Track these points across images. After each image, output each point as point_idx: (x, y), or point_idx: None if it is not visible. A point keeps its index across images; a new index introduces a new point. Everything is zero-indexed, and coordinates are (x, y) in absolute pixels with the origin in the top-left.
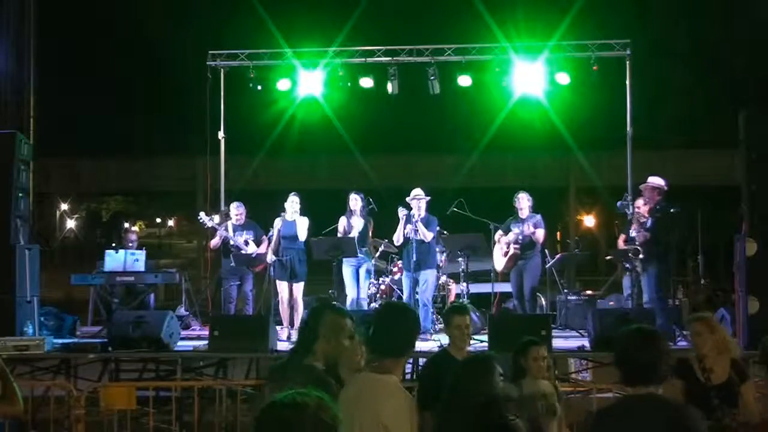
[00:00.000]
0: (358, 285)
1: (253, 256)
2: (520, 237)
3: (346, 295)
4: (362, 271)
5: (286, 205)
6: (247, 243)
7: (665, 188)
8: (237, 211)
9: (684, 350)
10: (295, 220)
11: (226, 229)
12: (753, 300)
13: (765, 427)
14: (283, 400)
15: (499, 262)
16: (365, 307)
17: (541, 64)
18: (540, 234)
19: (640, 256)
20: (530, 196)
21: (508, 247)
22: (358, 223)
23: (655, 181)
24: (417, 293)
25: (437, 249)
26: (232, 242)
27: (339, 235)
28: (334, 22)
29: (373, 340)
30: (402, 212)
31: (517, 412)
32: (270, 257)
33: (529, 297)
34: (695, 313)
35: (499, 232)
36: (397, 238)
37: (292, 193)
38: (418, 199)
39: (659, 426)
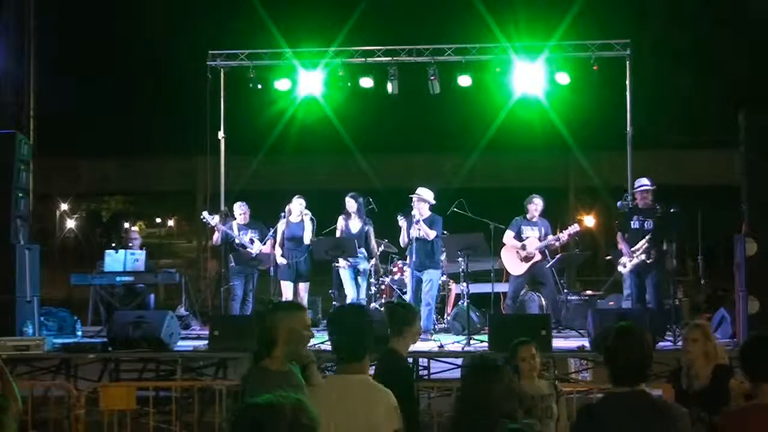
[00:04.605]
0: (356, 285)
1: (258, 254)
2: (557, 244)
3: (346, 296)
4: (360, 271)
5: (292, 207)
6: (252, 241)
7: (654, 188)
8: (241, 210)
9: (682, 351)
10: (300, 222)
11: (231, 228)
12: (753, 300)
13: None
14: (258, 402)
15: (517, 267)
16: None
17: (541, 64)
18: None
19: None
20: (542, 200)
21: (533, 253)
22: (355, 225)
23: (645, 183)
24: (420, 292)
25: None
26: (237, 240)
27: (337, 235)
28: (334, 22)
29: (334, 348)
30: (401, 221)
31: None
32: (281, 260)
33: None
34: (692, 320)
35: (510, 234)
36: (403, 241)
37: (297, 195)
38: (417, 200)
39: (646, 423)
